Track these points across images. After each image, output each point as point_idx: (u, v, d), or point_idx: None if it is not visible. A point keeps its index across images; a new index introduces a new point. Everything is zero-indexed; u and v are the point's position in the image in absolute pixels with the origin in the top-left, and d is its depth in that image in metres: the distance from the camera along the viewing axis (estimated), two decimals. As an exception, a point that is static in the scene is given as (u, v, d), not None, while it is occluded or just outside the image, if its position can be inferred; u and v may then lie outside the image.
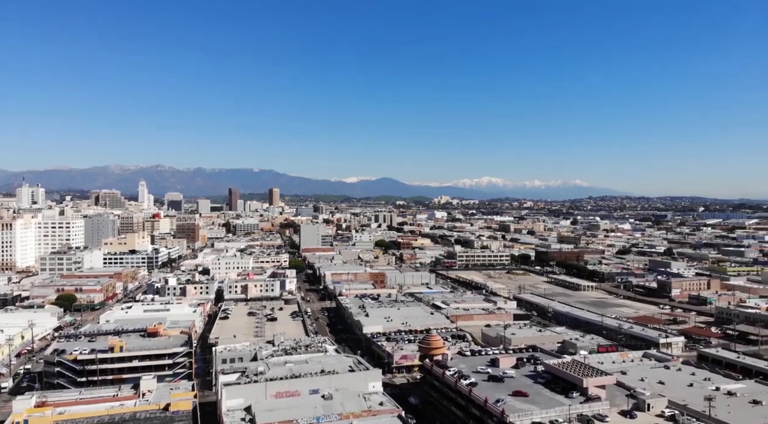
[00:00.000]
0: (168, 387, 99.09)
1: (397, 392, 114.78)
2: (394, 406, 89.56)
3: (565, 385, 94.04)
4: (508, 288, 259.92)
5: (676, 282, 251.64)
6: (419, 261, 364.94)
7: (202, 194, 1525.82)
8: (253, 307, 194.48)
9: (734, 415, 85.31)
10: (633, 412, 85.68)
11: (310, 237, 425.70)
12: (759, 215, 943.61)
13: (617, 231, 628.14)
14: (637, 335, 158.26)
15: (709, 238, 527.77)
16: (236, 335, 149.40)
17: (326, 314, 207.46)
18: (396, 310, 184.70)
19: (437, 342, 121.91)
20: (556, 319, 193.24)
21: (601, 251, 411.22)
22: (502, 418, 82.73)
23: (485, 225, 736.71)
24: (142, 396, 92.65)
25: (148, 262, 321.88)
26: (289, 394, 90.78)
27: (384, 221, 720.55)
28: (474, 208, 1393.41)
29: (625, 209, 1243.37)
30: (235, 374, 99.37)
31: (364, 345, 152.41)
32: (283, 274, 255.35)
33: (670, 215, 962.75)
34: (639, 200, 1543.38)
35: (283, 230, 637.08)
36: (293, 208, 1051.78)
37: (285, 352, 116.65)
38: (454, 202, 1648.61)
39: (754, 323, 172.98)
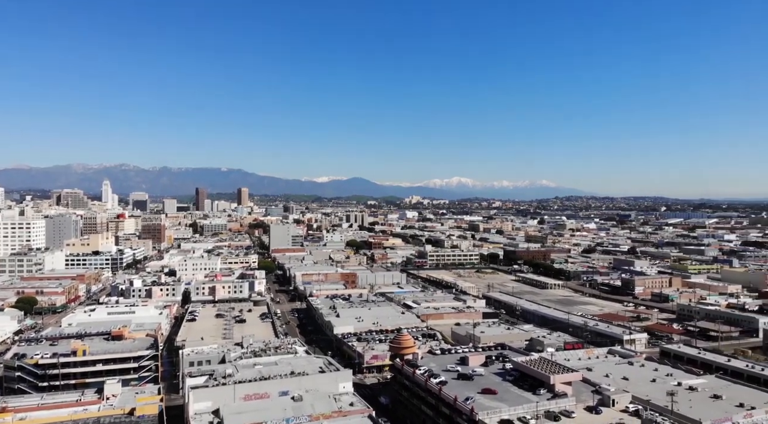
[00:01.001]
0: (133, 391, 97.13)
1: (367, 392, 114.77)
2: (364, 406, 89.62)
3: (532, 382, 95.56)
4: (478, 287, 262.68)
5: (639, 280, 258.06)
6: (390, 261, 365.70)
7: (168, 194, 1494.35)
8: (221, 309, 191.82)
9: (695, 409, 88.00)
10: (598, 407, 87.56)
11: (280, 237, 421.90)
12: (718, 214, 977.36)
13: (583, 230, 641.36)
14: (602, 332, 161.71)
15: (671, 237, 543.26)
16: (204, 337, 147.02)
17: (296, 315, 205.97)
18: (367, 310, 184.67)
19: (408, 341, 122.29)
20: (524, 317, 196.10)
21: (568, 250, 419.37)
22: (472, 416, 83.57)
23: (455, 225, 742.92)
24: (106, 401, 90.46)
25: (112, 263, 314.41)
26: (258, 396, 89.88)
27: (355, 221, 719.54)
28: (444, 208, 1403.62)
29: (590, 209, 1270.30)
30: (202, 376, 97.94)
31: (335, 346, 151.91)
32: (252, 275, 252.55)
33: (633, 215, 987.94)
34: (604, 200, 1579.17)
35: (252, 230, 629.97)
36: (262, 208, 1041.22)
37: (254, 354, 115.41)
38: (425, 202, 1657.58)
39: (714, 320, 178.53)
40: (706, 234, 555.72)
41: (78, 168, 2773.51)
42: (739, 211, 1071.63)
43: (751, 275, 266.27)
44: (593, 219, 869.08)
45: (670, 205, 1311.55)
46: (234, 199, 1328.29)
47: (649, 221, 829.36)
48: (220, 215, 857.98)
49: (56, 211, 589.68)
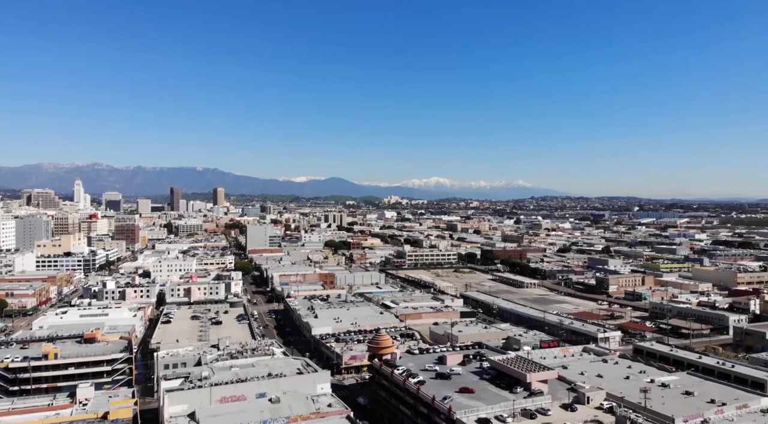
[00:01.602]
0: (106, 395, 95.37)
1: (346, 393, 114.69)
2: (342, 407, 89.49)
3: (509, 380, 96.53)
4: (456, 286, 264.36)
5: (613, 279, 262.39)
6: (369, 261, 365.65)
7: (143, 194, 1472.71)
8: (197, 310, 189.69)
9: (668, 406, 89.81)
10: (574, 405, 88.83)
11: (257, 238, 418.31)
12: (689, 214, 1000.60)
13: (558, 230, 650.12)
14: (577, 331, 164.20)
15: (644, 236, 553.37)
16: (179, 339, 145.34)
17: (274, 317, 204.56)
18: (346, 310, 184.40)
19: (386, 342, 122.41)
20: (501, 316, 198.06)
21: (543, 249, 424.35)
22: (449, 415, 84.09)
23: (434, 225, 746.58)
24: (79, 405, 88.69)
25: (84, 265, 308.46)
26: (235, 398, 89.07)
27: (334, 221, 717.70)
28: (423, 208, 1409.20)
29: (565, 209, 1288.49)
30: (178, 379, 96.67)
31: (313, 347, 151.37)
32: (229, 276, 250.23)
33: (607, 215, 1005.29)
34: (578, 200, 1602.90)
35: (229, 230, 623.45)
36: (239, 209, 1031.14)
37: (231, 356, 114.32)
38: (403, 202, 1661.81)
39: (686, 318, 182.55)
40: (677, 233, 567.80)
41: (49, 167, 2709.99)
42: (710, 211, 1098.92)
43: (721, 274, 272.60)
44: (568, 219, 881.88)
45: (642, 205, 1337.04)
46: (210, 199, 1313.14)
47: (623, 221, 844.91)
48: (195, 215, 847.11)
49: (26, 211, 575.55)
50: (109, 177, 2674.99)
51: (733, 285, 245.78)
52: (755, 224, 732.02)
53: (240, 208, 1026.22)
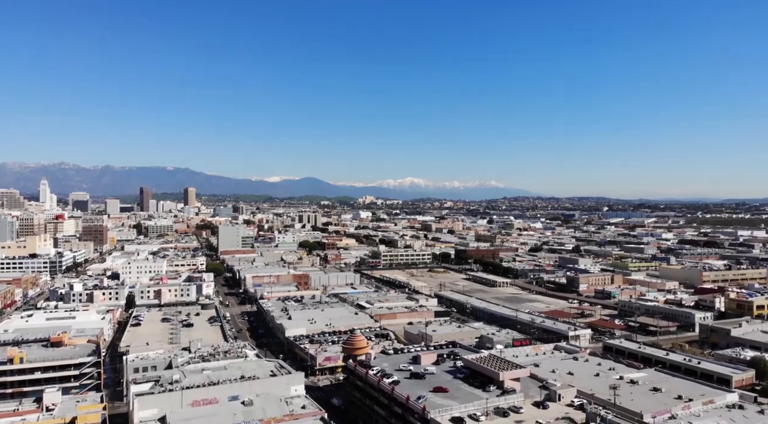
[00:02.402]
0: (74, 400, 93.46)
1: (320, 394, 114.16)
2: (316, 408, 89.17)
3: (482, 379, 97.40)
4: (430, 286, 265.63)
5: (583, 278, 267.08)
6: (344, 261, 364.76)
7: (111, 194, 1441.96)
8: (168, 313, 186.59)
9: (637, 402, 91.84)
10: (545, 403, 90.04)
11: (230, 239, 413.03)
12: (656, 214, 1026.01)
13: (530, 230, 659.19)
14: (549, 329, 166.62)
15: (613, 236, 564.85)
16: (149, 342, 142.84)
17: (247, 319, 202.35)
18: (320, 311, 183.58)
19: (361, 342, 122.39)
20: (475, 315, 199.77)
21: (515, 248, 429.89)
22: (423, 415, 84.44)
23: (408, 225, 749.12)
24: (45, 410, 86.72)
25: (50, 266, 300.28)
26: (206, 402, 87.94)
27: (308, 222, 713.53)
28: (398, 208, 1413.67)
29: (536, 209, 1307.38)
30: (148, 383, 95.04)
31: (287, 349, 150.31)
32: (200, 277, 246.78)
33: (577, 215, 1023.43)
34: (549, 201, 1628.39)
35: (200, 231, 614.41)
36: (210, 209, 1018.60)
37: (202, 359, 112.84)
38: (378, 202, 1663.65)
39: (653, 315, 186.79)
40: (645, 233, 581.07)
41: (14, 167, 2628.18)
42: (676, 211, 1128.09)
43: (688, 272, 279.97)
44: (539, 219, 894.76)
45: (611, 206, 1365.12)
46: (180, 200, 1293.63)
47: (592, 221, 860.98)
48: (165, 215, 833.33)
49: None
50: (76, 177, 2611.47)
51: (698, 283, 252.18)
52: (720, 223, 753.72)
53: (212, 209, 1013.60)
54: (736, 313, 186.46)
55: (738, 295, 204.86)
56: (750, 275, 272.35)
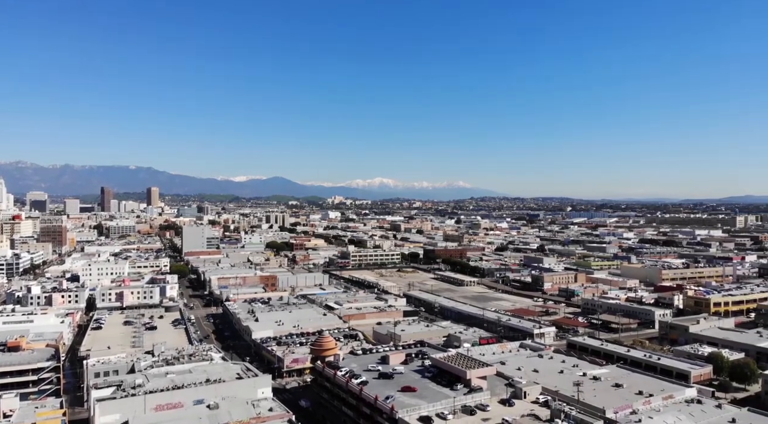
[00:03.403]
0: (33, 406, 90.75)
1: (288, 396, 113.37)
2: (284, 411, 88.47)
3: (450, 378, 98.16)
4: (399, 286, 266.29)
5: (547, 276, 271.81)
6: (313, 262, 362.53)
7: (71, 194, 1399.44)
8: (130, 316, 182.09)
9: (599, 398, 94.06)
10: (511, 400, 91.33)
11: (194, 240, 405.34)
12: (618, 214, 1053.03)
13: (496, 229, 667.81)
14: (515, 327, 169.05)
15: (576, 235, 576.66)
16: (111, 346, 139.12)
17: (212, 321, 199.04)
18: (288, 313, 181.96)
19: (329, 343, 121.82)
20: (442, 314, 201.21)
21: (482, 248, 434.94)
22: (392, 415, 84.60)
23: (378, 225, 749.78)
24: (3, 417, 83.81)
25: (7, 269, 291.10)
26: (171, 406, 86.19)
27: (276, 222, 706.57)
28: (367, 208, 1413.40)
29: (502, 209, 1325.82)
30: (109, 388, 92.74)
31: (254, 351, 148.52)
32: (164, 279, 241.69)
33: (542, 215, 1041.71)
34: (515, 201, 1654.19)
35: (164, 232, 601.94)
36: (174, 209, 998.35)
37: (166, 362, 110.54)
38: (347, 202, 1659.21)
39: (615, 313, 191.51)
40: (607, 232, 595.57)
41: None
42: (637, 211, 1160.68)
43: (648, 270, 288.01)
44: (505, 218, 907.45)
45: (575, 206, 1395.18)
46: (143, 200, 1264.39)
47: (556, 221, 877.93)
48: (128, 216, 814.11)
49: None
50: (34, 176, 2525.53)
51: (658, 281, 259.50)
52: (678, 223, 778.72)
53: (175, 209, 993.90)
54: (694, 310, 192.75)
55: (696, 293, 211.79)
56: (707, 273, 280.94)
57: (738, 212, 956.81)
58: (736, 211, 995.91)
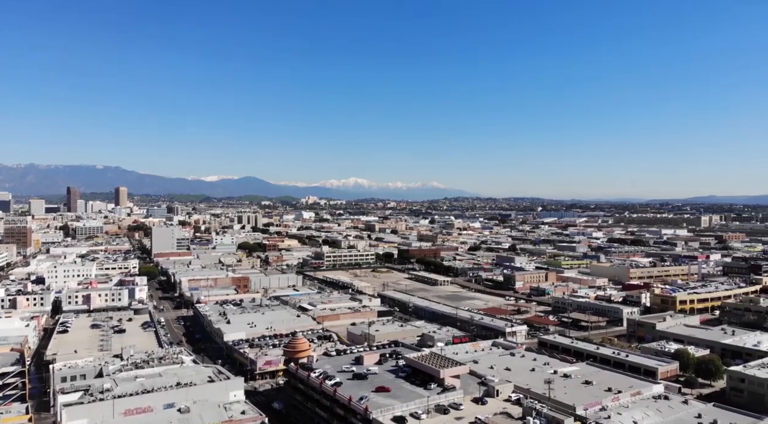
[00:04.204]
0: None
1: (261, 399, 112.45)
2: (257, 413, 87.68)
3: (424, 377, 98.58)
4: (374, 286, 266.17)
5: (519, 275, 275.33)
6: (286, 263, 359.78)
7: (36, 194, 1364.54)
8: (98, 319, 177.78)
9: (570, 395, 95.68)
10: (484, 398, 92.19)
11: (164, 240, 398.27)
12: (587, 214, 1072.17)
13: (469, 229, 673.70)
14: (487, 326, 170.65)
15: (547, 235, 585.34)
16: (78, 350, 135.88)
17: (183, 323, 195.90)
18: (260, 315, 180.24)
19: (303, 345, 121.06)
20: (417, 313, 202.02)
21: (456, 247, 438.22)
22: (366, 415, 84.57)
23: (352, 225, 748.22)
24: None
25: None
26: (140, 410, 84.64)
27: (248, 222, 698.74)
28: (341, 208, 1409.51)
29: (475, 209, 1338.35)
30: (77, 392, 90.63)
31: (226, 353, 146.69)
32: (132, 281, 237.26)
33: (514, 215, 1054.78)
34: (487, 201, 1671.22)
35: (132, 233, 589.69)
36: (143, 209, 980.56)
37: (135, 366, 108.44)
38: (321, 202, 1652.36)
39: (585, 311, 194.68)
40: (577, 232, 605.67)
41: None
42: (605, 210, 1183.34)
43: (616, 269, 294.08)
44: (478, 218, 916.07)
45: (545, 206, 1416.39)
46: (111, 200, 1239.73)
47: (528, 220, 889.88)
48: (95, 216, 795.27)
49: None
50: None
51: (626, 280, 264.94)
52: (645, 222, 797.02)
53: (145, 209, 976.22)
54: (660, 308, 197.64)
55: (662, 291, 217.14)
56: (673, 271, 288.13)
57: (703, 211, 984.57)
58: (700, 211, 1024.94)
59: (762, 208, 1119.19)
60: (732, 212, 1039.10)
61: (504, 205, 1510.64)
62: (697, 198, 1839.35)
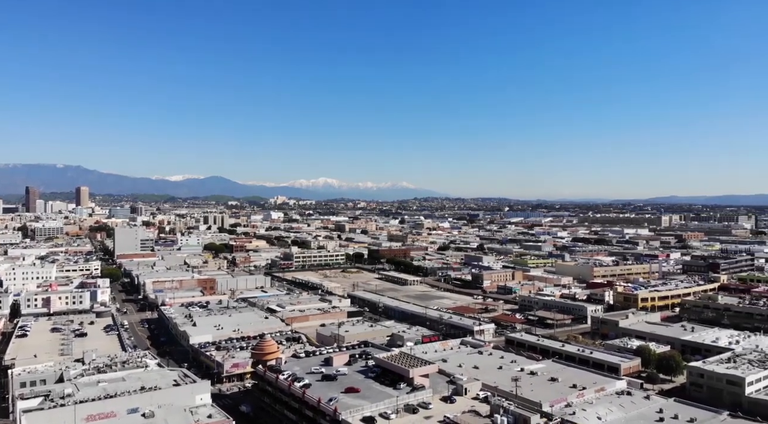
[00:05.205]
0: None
1: (228, 402, 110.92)
2: (224, 417, 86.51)
3: (393, 377, 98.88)
4: (343, 287, 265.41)
5: (486, 274, 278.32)
6: (254, 264, 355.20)
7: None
8: (58, 322, 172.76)
9: (536, 392, 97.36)
10: (453, 397, 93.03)
11: (127, 242, 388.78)
12: (552, 214, 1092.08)
13: (438, 229, 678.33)
14: (456, 324, 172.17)
15: (513, 234, 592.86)
16: (37, 354, 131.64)
17: (147, 326, 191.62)
18: (227, 317, 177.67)
19: (271, 347, 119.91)
20: (386, 313, 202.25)
21: (425, 247, 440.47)
22: (335, 416, 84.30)
23: (322, 225, 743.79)
24: None
25: None
26: (103, 416, 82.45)
27: (215, 223, 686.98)
28: (311, 208, 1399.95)
29: (444, 209, 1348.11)
30: (36, 398, 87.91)
31: (192, 357, 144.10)
32: (94, 283, 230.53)
33: (481, 214, 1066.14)
34: (456, 201, 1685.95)
35: (94, 234, 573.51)
36: (106, 210, 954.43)
37: (98, 370, 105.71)
38: (291, 202, 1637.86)
39: (550, 309, 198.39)
40: (542, 232, 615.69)
41: None
42: (570, 211, 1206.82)
43: (580, 268, 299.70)
44: (447, 218, 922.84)
45: (512, 206, 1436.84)
46: (72, 200, 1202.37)
47: (495, 220, 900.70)
48: (55, 217, 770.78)
49: None
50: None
51: (590, 278, 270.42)
52: (608, 222, 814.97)
53: (107, 210, 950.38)
54: (623, 305, 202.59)
55: (625, 289, 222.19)
56: (635, 270, 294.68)
57: (663, 212, 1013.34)
58: (661, 211, 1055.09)
59: (720, 209, 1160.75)
60: (691, 212, 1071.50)
61: (472, 205, 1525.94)
62: (658, 198, 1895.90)
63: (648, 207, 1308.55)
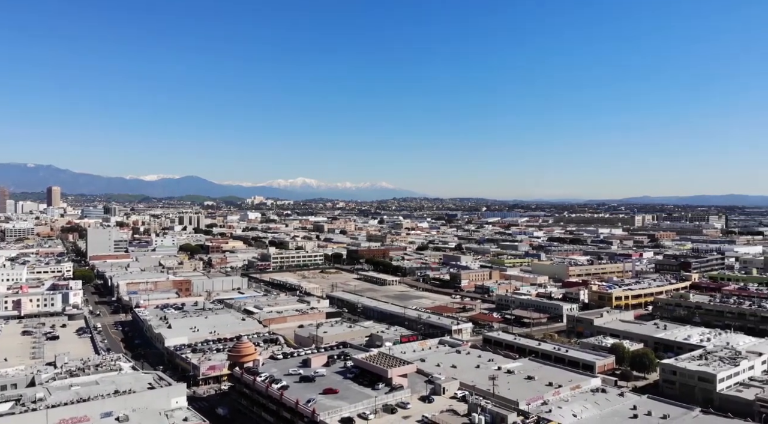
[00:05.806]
0: None
1: (204, 405, 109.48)
2: (200, 420, 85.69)
3: (371, 377, 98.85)
4: (322, 287, 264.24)
5: (464, 274, 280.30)
6: (230, 265, 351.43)
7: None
8: (29, 325, 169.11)
9: (513, 390, 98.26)
10: (431, 396, 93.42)
11: (100, 243, 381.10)
12: (529, 214, 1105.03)
13: (417, 229, 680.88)
14: (434, 324, 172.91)
15: (491, 234, 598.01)
16: (8, 358, 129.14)
17: (121, 329, 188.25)
18: (203, 319, 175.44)
19: (248, 349, 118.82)
20: (365, 314, 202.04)
21: (404, 247, 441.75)
22: (313, 418, 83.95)
23: (300, 226, 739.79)
24: None
25: None
26: (76, 420, 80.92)
27: (190, 223, 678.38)
28: (289, 208, 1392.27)
29: (423, 209, 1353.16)
30: (7, 403, 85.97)
31: (167, 359, 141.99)
32: (66, 285, 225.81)
33: (459, 215, 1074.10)
34: (434, 201, 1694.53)
35: (66, 234, 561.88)
36: (78, 210, 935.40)
37: (70, 374, 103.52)
38: (268, 202, 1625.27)
39: (527, 308, 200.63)
40: (519, 231, 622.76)
41: None
42: (545, 211, 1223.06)
43: (556, 267, 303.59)
44: (426, 218, 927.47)
45: (489, 206, 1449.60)
46: (43, 200, 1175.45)
47: (473, 220, 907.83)
48: (25, 217, 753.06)
49: None
50: None
51: (565, 277, 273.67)
52: (583, 222, 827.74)
53: (79, 210, 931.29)
54: (597, 304, 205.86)
55: (599, 287, 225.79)
56: (609, 269, 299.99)
57: (636, 212, 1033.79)
58: (634, 211, 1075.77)
59: (691, 209, 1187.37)
60: (664, 212, 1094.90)
61: (450, 205, 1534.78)
62: (631, 199, 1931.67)
63: (622, 207, 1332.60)
